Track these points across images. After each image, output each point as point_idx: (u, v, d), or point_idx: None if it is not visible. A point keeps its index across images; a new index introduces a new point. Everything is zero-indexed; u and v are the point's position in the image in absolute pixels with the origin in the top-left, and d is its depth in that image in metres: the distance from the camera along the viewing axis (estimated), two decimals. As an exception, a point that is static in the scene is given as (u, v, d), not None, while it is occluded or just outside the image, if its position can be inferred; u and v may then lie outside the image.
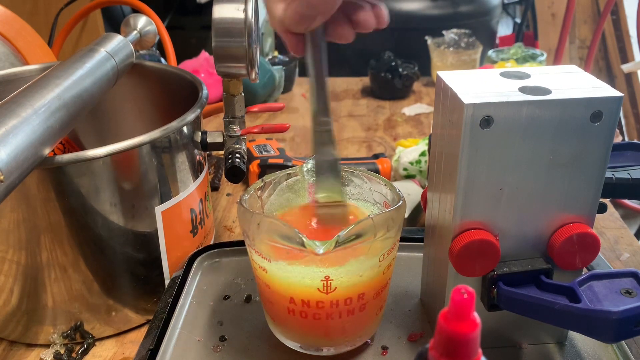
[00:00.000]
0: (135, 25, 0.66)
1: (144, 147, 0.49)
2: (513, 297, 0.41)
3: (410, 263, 0.55)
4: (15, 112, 0.41)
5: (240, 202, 0.43)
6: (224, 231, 0.70)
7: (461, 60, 1.15)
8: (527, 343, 0.46)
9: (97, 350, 0.52)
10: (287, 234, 0.39)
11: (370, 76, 1.15)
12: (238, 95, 0.58)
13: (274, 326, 0.46)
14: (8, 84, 0.61)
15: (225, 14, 0.52)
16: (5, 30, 0.71)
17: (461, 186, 0.39)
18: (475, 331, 0.22)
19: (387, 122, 1.03)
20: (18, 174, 0.39)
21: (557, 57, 1.79)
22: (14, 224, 0.47)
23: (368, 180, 0.48)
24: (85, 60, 0.53)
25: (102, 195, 0.48)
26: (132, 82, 0.65)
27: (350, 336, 0.45)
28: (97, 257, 0.50)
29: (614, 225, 0.70)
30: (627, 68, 1.58)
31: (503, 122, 0.37)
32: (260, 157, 0.78)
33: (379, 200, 0.47)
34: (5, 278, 0.49)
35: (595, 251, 0.41)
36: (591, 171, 0.40)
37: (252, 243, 0.42)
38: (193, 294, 0.53)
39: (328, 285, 0.41)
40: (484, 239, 0.40)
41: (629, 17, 2.07)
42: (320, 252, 0.38)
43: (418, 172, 0.75)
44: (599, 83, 0.39)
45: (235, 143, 0.58)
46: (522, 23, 1.80)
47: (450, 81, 0.40)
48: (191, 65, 1.08)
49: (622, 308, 0.36)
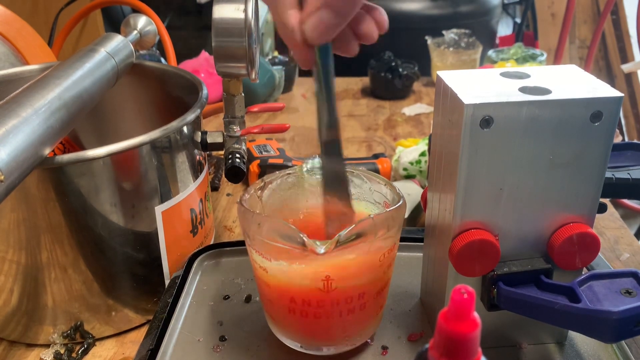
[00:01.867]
0: (135, 25, 0.66)
1: (144, 147, 0.49)
2: (513, 297, 0.41)
3: (410, 263, 0.55)
4: (15, 112, 0.41)
5: (240, 202, 0.43)
6: (224, 231, 0.70)
7: (461, 60, 1.15)
8: (527, 343, 0.46)
9: (97, 350, 0.52)
10: (288, 233, 0.39)
11: (370, 76, 1.15)
12: (238, 95, 0.58)
13: (274, 326, 0.46)
14: (8, 84, 0.60)
15: (225, 14, 0.52)
16: (5, 30, 0.71)
17: (461, 186, 0.39)
18: (475, 331, 0.22)
19: (387, 122, 1.03)
20: (18, 174, 0.39)
21: (557, 57, 1.79)
22: (14, 224, 0.47)
23: (368, 180, 0.48)
24: (85, 61, 0.53)
25: (102, 195, 0.48)
26: (132, 82, 0.65)
27: (351, 335, 0.45)
28: (97, 257, 0.50)
29: (614, 225, 0.70)
30: (627, 68, 1.58)
31: (503, 122, 0.37)
32: (260, 157, 0.78)
33: (379, 200, 0.47)
34: (5, 278, 0.49)
35: (595, 251, 0.41)
36: (591, 171, 0.40)
37: (252, 243, 0.42)
38: (193, 294, 0.53)
39: (329, 285, 0.41)
40: (484, 239, 0.40)
41: (629, 17, 2.07)
42: (321, 251, 0.38)
43: (418, 172, 0.75)
44: (599, 83, 0.39)
45: (235, 143, 0.58)
46: (522, 23, 1.80)
47: (450, 81, 0.40)
48: (191, 65, 1.08)
49: (622, 308, 0.36)
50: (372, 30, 0.39)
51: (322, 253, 0.38)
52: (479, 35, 1.20)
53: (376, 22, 0.39)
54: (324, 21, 0.35)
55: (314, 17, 0.35)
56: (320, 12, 0.34)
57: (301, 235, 0.38)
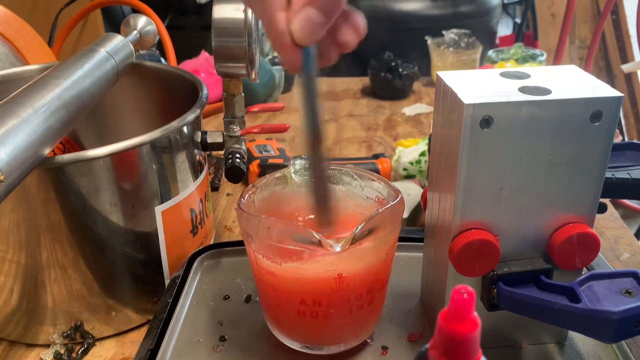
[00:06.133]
0: (135, 25, 0.66)
1: (144, 147, 0.49)
2: (513, 297, 0.41)
3: (410, 263, 0.55)
4: (15, 112, 0.41)
5: (239, 207, 0.43)
6: (224, 231, 0.70)
7: (461, 60, 1.15)
8: (527, 343, 0.46)
9: (97, 350, 0.52)
10: (301, 234, 0.39)
11: (370, 76, 1.15)
12: (238, 95, 0.58)
13: (275, 328, 0.46)
14: (8, 84, 0.60)
15: (225, 14, 0.52)
16: (5, 30, 0.71)
17: (461, 186, 0.39)
18: (475, 331, 0.22)
19: (387, 122, 1.03)
20: (18, 174, 0.39)
21: (557, 57, 1.79)
22: (14, 224, 0.47)
23: (358, 177, 0.48)
24: (85, 60, 0.53)
25: (102, 195, 0.48)
26: (132, 82, 0.65)
27: (357, 333, 0.45)
28: (97, 257, 0.50)
29: (614, 225, 0.70)
30: (627, 68, 1.58)
31: (503, 122, 0.37)
32: (260, 157, 0.78)
33: (371, 196, 0.47)
34: (5, 278, 0.49)
35: (595, 251, 0.41)
36: (591, 171, 0.40)
37: (258, 248, 0.42)
38: (193, 294, 0.53)
39: (341, 282, 0.41)
40: (484, 239, 0.40)
41: (629, 17, 2.07)
42: (338, 249, 0.38)
43: (418, 172, 0.75)
44: (599, 83, 0.39)
45: (235, 143, 0.58)
46: (522, 23, 1.80)
47: (450, 81, 0.40)
48: (191, 65, 1.08)
49: (622, 308, 0.36)
50: (351, 38, 0.38)
51: (339, 251, 0.38)
52: (479, 35, 1.20)
53: (354, 28, 0.38)
54: (310, 19, 0.35)
55: (300, 15, 0.35)
56: (306, 10, 0.35)
57: (317, 236, 0.38)
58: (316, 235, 0.38)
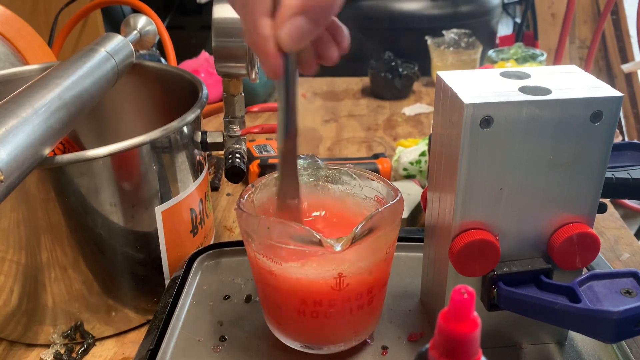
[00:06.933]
0: (135, 25, 0.66)
1: (144, 147, 0.49)
2: (513, 297, 0.41)
3: (410, 263, 0.55)
4: (15, 112, 0.41)
5: (239, 207, 0.43)
6: (224, 231, 0.70)
7: (461, 60, 1.15)
8: (527, 343, 0.46)
9: (97, 350, 0.52)
10: (302, 234, 0.39)
11: (370, 76, 1.15)
12: (238, 95, 0.58)
13: (275, 328, 0.46)
14: (8, 84, 0.60)
15: (225, 14, 0.52)
16: (5, 30, 0.71)
17: (461, 186, 0.39)
18: (475, 331, 0.22)
19: (387, 122, 1.03)
20: (18, 174, 0.39)
21: (557, 57, 1.79)
22: (14, 224, 0.47)
23: (357, 176, 0.48)
24: (85, 60, 0.53)
25: (102, 195, 0.48)
26: (132, 82, 0.65)
27: (358, 332, 0.45)
28: (97, 257, 0.50)
29: (614, 225, 0.70)
30: (627, 68, 1.58)
31: (503, 122, 0.37)
32: (260, 157, 0.78)
33: (370, 195, 0.48)
34: (5, 278, 0.49)
35: (595, 251, 0.41)
36: (591, 171, 0.40)
37: (258, 248, 0.42)
38: (193, 294, 0.53)
39: (341, 282, 0.41)
40: (484, 239, 0.40)
41: (629, 17, 2.07)
42: (338, 249, 0.38)
43: (418, 172, 0.75)
44: (599, 83, 0.39)
45: (235, 143, 0.58)
46: (522, 23, 1.80)
47: (450, 81, 0.40)
48: (191, 65, 1.08)
49: (622, 308, 0.36)
50: (334, 54, 0.39)
51: (339, 251, 0.38)
52: (479, 35, 1.20)
53: (337, 43, 0.39)
54: (299, 28, 0.34)
55: (290, 23, 0.34)
56: (296, 19, 0.34)
57: (317, 235, 0.38)
58: (316, 235, 0.38)
